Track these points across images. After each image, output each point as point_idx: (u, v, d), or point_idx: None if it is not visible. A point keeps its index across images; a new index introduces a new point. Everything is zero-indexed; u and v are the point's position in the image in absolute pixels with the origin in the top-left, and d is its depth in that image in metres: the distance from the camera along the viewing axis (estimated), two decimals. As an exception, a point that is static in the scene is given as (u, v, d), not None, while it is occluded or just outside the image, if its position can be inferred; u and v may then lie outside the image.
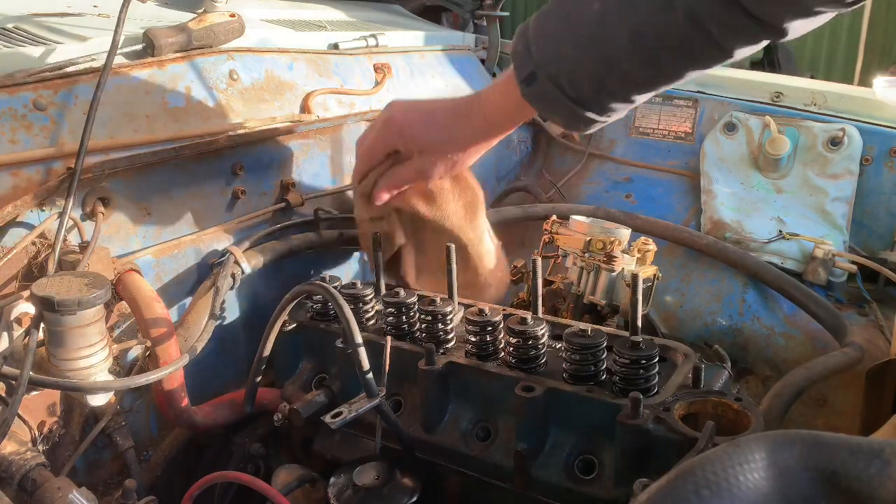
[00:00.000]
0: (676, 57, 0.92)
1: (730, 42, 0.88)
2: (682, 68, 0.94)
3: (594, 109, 0.99)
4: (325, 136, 1.45)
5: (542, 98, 1.00)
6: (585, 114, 0.99)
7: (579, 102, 0.98)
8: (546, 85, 0.97)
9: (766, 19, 0.84)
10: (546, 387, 0.93)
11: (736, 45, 0.89)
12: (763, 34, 0.88)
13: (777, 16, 0.84)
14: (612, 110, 1.00)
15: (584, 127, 1.03)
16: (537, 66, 0.97)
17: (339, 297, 0.97)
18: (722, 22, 0.85)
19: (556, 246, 1.39)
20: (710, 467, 0.49)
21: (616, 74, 0.94)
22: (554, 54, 0.96)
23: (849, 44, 6.54)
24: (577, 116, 1.00)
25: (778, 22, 0.85)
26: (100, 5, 1.39)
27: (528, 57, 0.98)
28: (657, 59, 0.92)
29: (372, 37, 1.68)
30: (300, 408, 1.04)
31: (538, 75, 0.97)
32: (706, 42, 0.88)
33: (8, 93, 0.99)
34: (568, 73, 0.96)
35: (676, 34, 0.88)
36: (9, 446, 0.88)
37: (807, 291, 1.49)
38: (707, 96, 1.93)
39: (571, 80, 0.96)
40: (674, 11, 0.86)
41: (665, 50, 0.91)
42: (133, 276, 1.04)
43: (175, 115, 1.18)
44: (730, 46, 0.89)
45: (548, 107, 1.01)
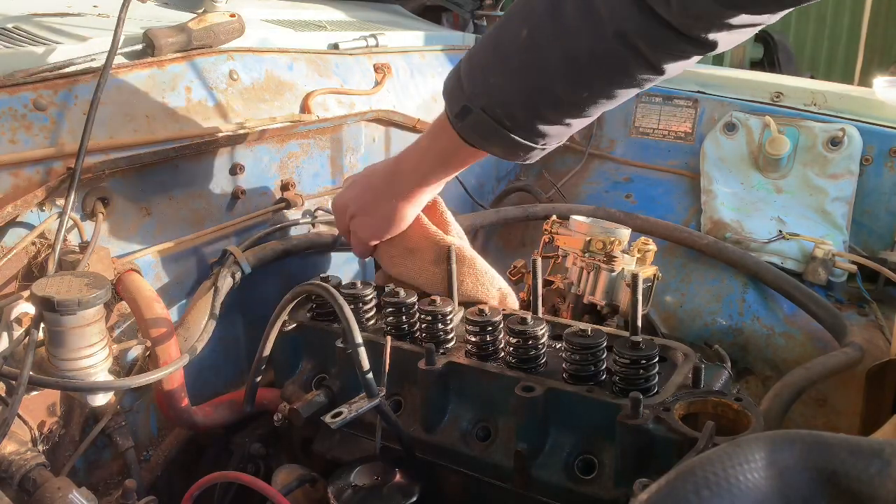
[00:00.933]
0: (609, 76, 0.91)
1: (658, 57, 0.88)
2: (615, 87, 0.93)
3: (530, 137, 0.98)
4: (325, 136, 1.45)
5: (476, 130, 0.99)
6: (522, 142, 0.98)
7: (514, 131, 0.97)
8: (479, 117, 0.97)
9: (687, 32, 0.84)
10: (546, 387, 0.93)
11: (664, 61, 0.89)
12: (690, 48, 0.87)
13: (696, 29, 0.84)
14: (548, 135, 0.99)
15: (524, 156, 1.02)
16: (469, 99, 0.97)
17: (339, 297, 0.97)
18: (648, 37, 0.85)
19: (556, 246, 1.38)
20: (710, 467, 0.49)
21: (549, 99, 0.94)
22: (485, 85, 0.95)
23: (849, 44, 6.54)
24: (514, 145, 0.99)
25: (699, 34, 0.84)
26: (100, 5, 1.39)
27: (459, 91, 0.98)
28: (590, 81, 0.92)
29: (372, 37, 1.68)
30: (300, 408, 1.04)
31: (472, 109, 0.97)
32: (636, 59, 0.88)
33: (8, 93, 0.99)
34: (501, 102, 0.95)
35: (606, 53, 0.87)
36: (9, 446, 0.88)
37: (807, 291, 1.49)
38: (707, 96, 1.93)
39: (505, 110, 0.95)
40: (603, 31, 0.86)
41: (597, 70, 0.90)
42: (133, 276, 1.04)
43: (175, 115, 1.18)
44: (658, 62, 0.88)
45: (484, 138, 1.00)
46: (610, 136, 2.04)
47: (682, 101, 1.95)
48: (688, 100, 1.94)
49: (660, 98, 1.97)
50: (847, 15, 6.46)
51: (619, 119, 2.02)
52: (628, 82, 0.92)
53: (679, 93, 1.95)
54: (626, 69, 0.90)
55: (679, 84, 1.95)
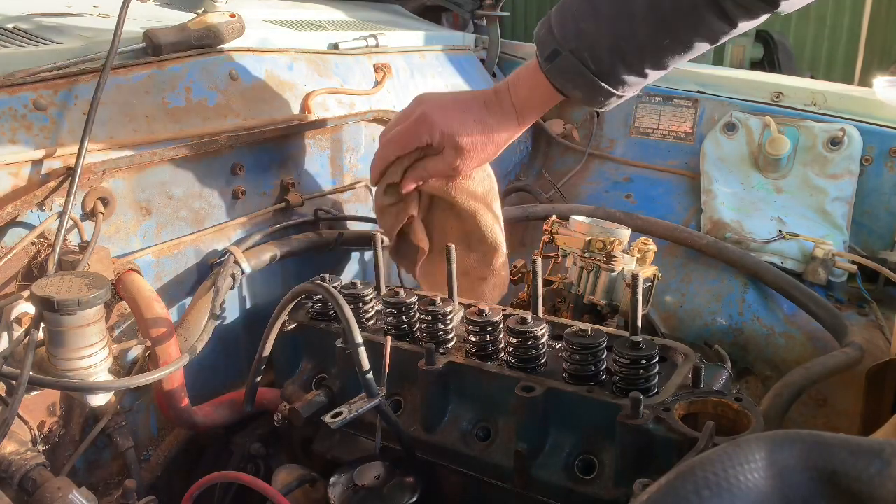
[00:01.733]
0: (688, 24, 1.00)
1: (732, 10, 0.97)
2: (693, 37, 1.02)
3: (611, 82, 1.07)
4: (325, 136, 1.45)
5: (564, 73, 1.08)
6: (603, 86, 1.07)
7: (598, 75, 1.06)
8: (568, 60, 1.06)
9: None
10: (546, 387, 0.93)
11: (738, 15, 0.99)
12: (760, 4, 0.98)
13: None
14: (627, 84, 1.08)
15: (603, 101, 1.10)
16: (560, 43, 1.06)
17: (339, 297, 0.97)
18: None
19: (556, 246, 1.38)
20: (710, 467, 0.49)
21: (633, 45, 1.03)
22: (575, 30, 1.05)
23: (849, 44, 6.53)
24: (596, 89, 1.08)
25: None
26: (100, 5, 1.39)
27: (550, 36, 1.07)
28: (671, 28, 1.01)
29: (372, 37, 1.68)
30: (300, 408, 1.04)
31: (561, 52, 1.06)
32: (714, 9, 0.97)
33: (8, 93, 0.99)
34: (589, 46, 1.04)
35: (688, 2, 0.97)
36: (9, 446, 0.88)
37: (807, 291, 1.49)
38: (707, 96, 1.93)
39: (592, 54, 1.05)
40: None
41: (678, 18, 1.00)
42: (133, 276, 1.04)
43: (175, 115, 1.18)
44: (733, 14, 0.98)
45: (570, 81, 1.09)
46: (610, 136, 2.05)
47: (682, 101, 1.95)
48: (688, 100, 1.94)
49: (660, 98, 1.97)
50: (847, 15, 6.46)
51: (619, 119, 2.02)
52: (704, 32, 1.01)
53: (679, 93, 1.95)
54: (704, 18, 0.99)
55: (679, 84, 1.95)
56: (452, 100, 1.20)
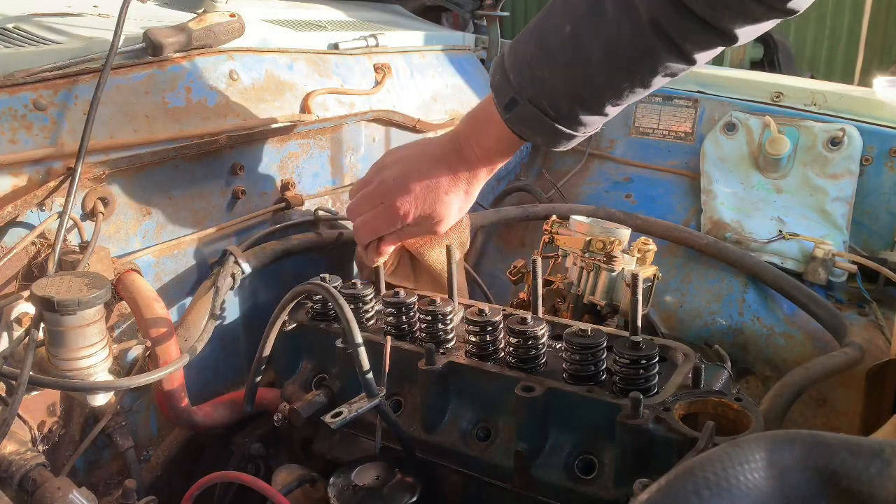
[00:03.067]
0: (646, 65, 0.98)
1: (689, 48, 0.95)
2: (652, 76, 1.00)
3: (571, 126, 1.05)
4: (325, 136, 1.45)
5: (523, 121, 1.06)
6: (565, 130, 1.05)
7: (557, 121, 1.04)
8: (526, 108, 1.04)
9: (715, 24, 0.91)
10: (546, 387, 0.92)
11: (694, 50, 0.96)
12: (716, 40, 0.95)
13: (724, 20, 0.91)
14: (587, 125, 1.06)
15: (565, 143, 1.09)
16: (517, 91, 1.04)
17: (339, 297, 0.97)
18: (679, 28, 0.93)
19: (556, 246, 1.38)
20: (710, 467, 0.49)
21: (592, 90, 1.01)
22: (531, 78, 1.03)
23: (849, 44, 6.53)
24: (557, 134, 1.06)
25: (726, 27, 0.92)
26: (100, 5, 1.39)
27: (506, 84, 1.05)
28: (629, 71, 0.99)
29: (372, 37, 1.68)
30: (300, 408, 1.04)
31: (518, 100, 1.04)
32: (671, 50, 0.95)
33: (8, 93, 0.99)
34: (547, 94, 1.02)
35: (644, 43, 0.95)
36: (9, 446, 0.88)
37: (807, 291, 1.49)
38: (707, 96, 1.93)
39: (551, 102, 1.03)
40: (640, 22, 0.93)
41: (636, 60, 0.98)
42: (133, 276, 1.04)
43: (175, 115, 1.18)
44: (690, 52, 0.96)
45: (529, 128, 1.07)
46: (610, 136, 2.04)
47: (682, 101, 1.95)
48: (688, 100, 1.94)
49: (660, 98, 1.97)
50: (847, 15, 6.46)
51: (619, 119, 2.01)
52: (664, 71, 0.99)
53: (679, 93, 1.95)
54: (661, 60, 0.97)
55: (679, 84, 1.95)
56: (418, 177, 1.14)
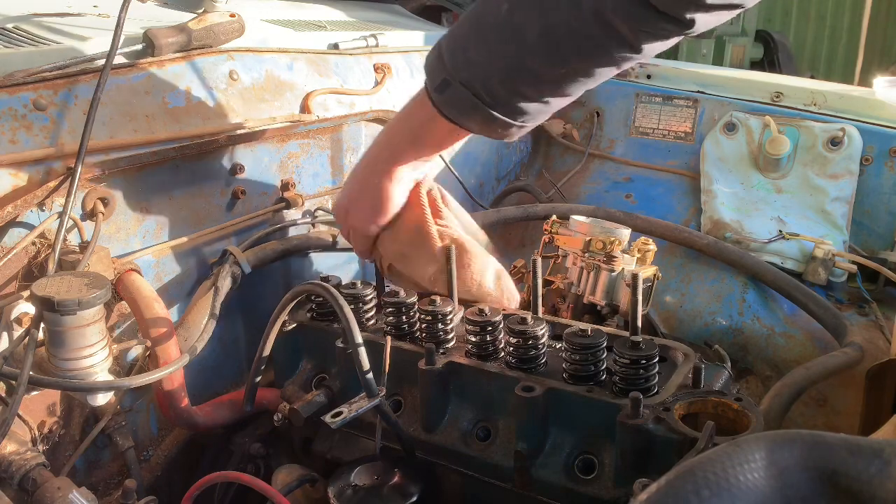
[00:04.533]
0: (585, 54, 0.92)
1: (636, 36, 0.89)
2: (592, 65, 0.93)
3: (508, 113, 0.98)
4: (325, 136, 1.45)
5: (455, 104, 0.99)
6: (500, 117, 0.98)
7: (492, 106, 0.97)
8: (459, 90, 0.97)
9: (666, 10, 0.85)
10: (546, 387, 0.92)
11: (643, 41, 0.90)
12: (670, 27, 0.88)
13: (676, 7, 0.85)
14: (526, 113, 0.99)
15: (501, 132, 1.01)
16: (449, 72, 0.97)
17: (340, 297, 0.97)
18: (627, 15, 0.86)
19: (556, 246, 1.38)
20: (710, 467, 0.49)
21: (527, 74, 0.94)
22: (465, 59, 0.96)
23: (849, 44, 6.54)
24: (491, 120, 0.99)
25: (678, 13, 0.85)
26: (100, 5, 1.39)
27: (440, 65, 0.98)
28: (567, 57, 0.92)
29: (372, 37, 1.68)
30: (300, 408, 1.04)
31: (451, 82, 0.97)
32: (613, 37, 0.89)
33: (8, 93, 0.99)
34: (480, 76, 0.96)
35: (584, 30, 0.88)
36: (9, 446, 0.88)
37: (807, 291, 1.49)
38: (707, 96, 1.93)
39: (484, 84, 0.96)
40: (580, 7, 0.87)
41: (574, 46, 0.91)
42: (133, 276, 1.04)
43: (175, 115, 1.18)
44: (636, 41, 0.89)
45: (462, 112, 1.00)
46: (610, 136, 2.04)
47: (682, 101, 1.95)
48: (688, 100, 1.94)
49: (660, 98, 1.97)
50: (847, 15, 6.46)
51: (619, 119, 2.02)
52: (606, 61, 0.93)
53: (679, 93, 1.95)
54: (603, 47, 0.91)
55: (679, 84, 1.95)
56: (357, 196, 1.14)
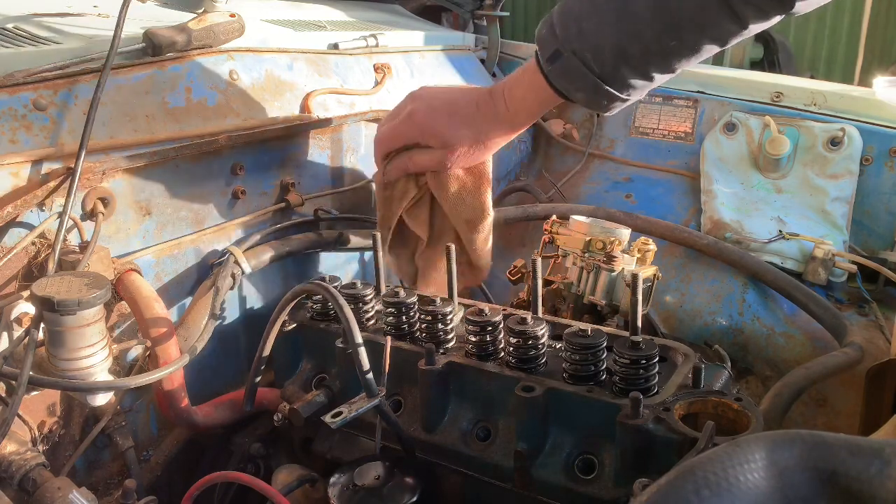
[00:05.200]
0: (696, 26, 0.95)
1: (744, 11, 0.92)
2: (701, 39, 0.97)
3: (615, 85, 1.02)
4: (325, 136, 1.45)
5: (566, 75, 1.03)
6: (607, 89, 1.02)
7: (602, 77, 1.01)
8: (571, 61, 1.01)
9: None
10: (546, 387, 0.93)
11: (750, 17, 0.93)
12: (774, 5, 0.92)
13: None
14: (632, 87, 1.03)
15: (606, 104, 1.06)
16: (562, 43, 1.01)
17: (340, 297, 0.97)
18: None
19: (556, 246, 1.38)
20: (710, 467, 0.49)
21: (638, 47, 0.98)
22: (577, 31, 1.00)
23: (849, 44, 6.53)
24: (600, 92, 1.03)
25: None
26: (100, 5, 1.39)
27: (552, 36, 1.02)
28: (678, 29, 0.96)
29: (372, 37, 1.68)
30: (300, 408, 1.04)
31: (563, 53, 1.01)
32: (723, 9, 0.92)
33: (8, 93, 0.99)
34: (592, 48, 1.00)
35: (697, 3, 0.92)
36: (9, 446, 0.88)
37: (807, 291, 1.49)
38: (707, 96, 1.93)
39: (595, 55, 1.00)
40: None
41: (686, 19, 0.94)
42: (133, 276, 1.04)
43: (175, 115, 1.18)
44: (744, 16, 0.93)
45: (572, 83, 1.04)
46: (610, 136, 2.04)
47: (682, 101, 1.95)
48: (688, 100, 1.94)
49: (660, 98, 1.97)
50: (847, 15, 6.46)
51: (619, 119, 2.02)
52: (713, 33, 0.96)
53: (679, 93, 1.95)
54: (713, 19, 0.94)
55: (679, 84, 1.95)
56: (444, 100, 1.18)
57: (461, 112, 1.15)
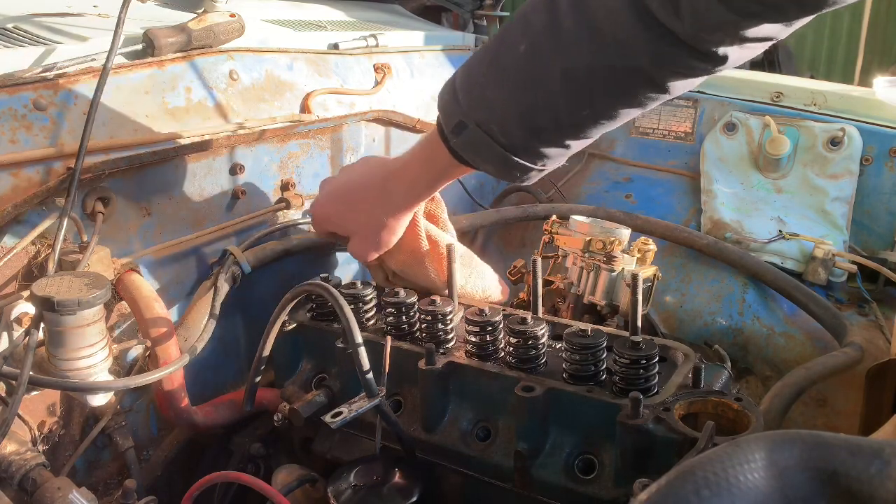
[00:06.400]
0: (610, 95, 0.88)
1: (663, 75, 0.85)
2: (617, 106, 0.89)
3: (527, 157, 0.95)
4: (325, 136, 1.45)
5: (472, 148, 0.96)
6: (518, 161, 0.95)
7: (510, 149, 0.94)
8: (475, 133, 0.93)
9: (698, 46, 0.81)
10: (546, 387, 0.93)
11: (669, 79, 0.85)
12: (700, 64, 0.83)
13: (709, 43, 0.81)
14: (546, 157, 0.95)
15: (519, 176, 0.98)
16: (465, 114, 0.94)
17: (340, 297, 0.97)
18: (653, 54, 0.82)
19: (556, 246, 1.38)
20: (710, 467, 0.49)
21: (548, 117, 0.90)
22: (482, 101, 0.92)
23: (849, 44, 6.54)
24: (509, 164, 0.95)
25: (710, 48, 0.81)
26: (100, 5, 1.39)
27: (455, 105, 0.94)
28: (590, 99, 0.88)
29: (372, 37, 1.68)
30: (300, 408, 1.04)
31: (467, 124, 0.94)
32: (638, 77, 0.85)
33: (8, 93, 0.99)
34: (498, 119, 0.92)
35: (607, 71, 0.84)
36: (9, 446, 0.88)
37: (807, 291, 1.49)
38: (707, 96, 1.93)
39: (501, 126, 0.92)
40: (604, 47, 0.82)
41: (597, 88, 0.87)
42: (133, 276, 1.04)
43: (175, 115, 1.18)
44: (663, 80, 0.85)
45: (479, 155, 0.96)
46: (610, 136, 2.04)
47: (682, 101, 1.95)
48: (688, 100, 1.94)
49: (660, 98, 1.97)
50: (847, 15, 6.46)
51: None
52: (631, 101, 0.89)
53: (679, 93, 1.95)
54: (628, 88, 0.87)
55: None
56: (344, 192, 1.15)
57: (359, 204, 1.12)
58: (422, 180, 1.08)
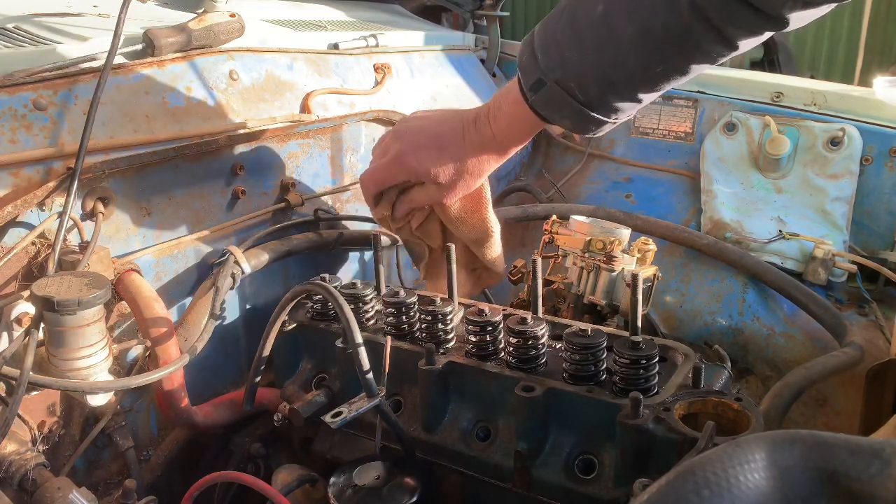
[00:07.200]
0: (683, 50, 0.93)
1: (732, 32, 0.89)
2: (689, 62, 0.94)
3: (602, 111, 1.00)
4: (325, 136, 1.45)
5: (549, 104, 1.01)
6: (594, 115, 1.00)
7: (587, 105, 0.99)
8: (553, 90, 0.99)
9: (764, 8, 0.85)
10: (546, 387, 0.92)
11: (739, 36, 0.90)
12: (765, 24, 0.88)
13: (775, 5, 0.85)
14: (620, 111, 1.01)
15: (594, 129, 1.04)
16: (544, 72, 0.98)
17: (340, 297, 0.97)
18: (724, 11, 0.86)
19: (556, 246, 1.38)
20: (710, 467, 0.49)
21: (623, 74, 0.95)
22: (559, 59, 0.97)
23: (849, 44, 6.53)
24: (585, 119, 1.01)
25: (777, 11, 0.86)
26: (100, 5, 1.39)
27: (534, 64, 0.99)
28: (664, 55, 0.93)
29: (372, 37, 1.68)
30: (300, 408, 1.04)
31: (545, 81, 0.99)
32: (710, 33, 0.89)
33: (8, 93, 0.99)
34: (575, 76, 0.97)
35: (681, 26, 0.89)
36: (9, 446, 0.88)
37: (807, 291, 1.49)
38: (707, 96, 1.93)
39: (579, 84, 0.97)
40: (678, 5, 0.87)
41: (671, 44, 0.92)
42: (133, 276, 1.04)
43: (175, 115, 1.18)
44: (733, 37, 0.90)
45: (556, 111, 1.02)
46: (610, 136, 2.04)
47: (682, 101, 1.95)
48: (688, 100, 1.94)
49: (660, 98, 1.97)
50: (847, 15, 6.46)
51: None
52: (702, 57, 0.93)
53: (679, 93, 1.95)
54: (699, 44, 0.91)
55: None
56: (430, 136, 1.15)
57: (449, 147, 1.13)
58: (512, 129, 1.10)
